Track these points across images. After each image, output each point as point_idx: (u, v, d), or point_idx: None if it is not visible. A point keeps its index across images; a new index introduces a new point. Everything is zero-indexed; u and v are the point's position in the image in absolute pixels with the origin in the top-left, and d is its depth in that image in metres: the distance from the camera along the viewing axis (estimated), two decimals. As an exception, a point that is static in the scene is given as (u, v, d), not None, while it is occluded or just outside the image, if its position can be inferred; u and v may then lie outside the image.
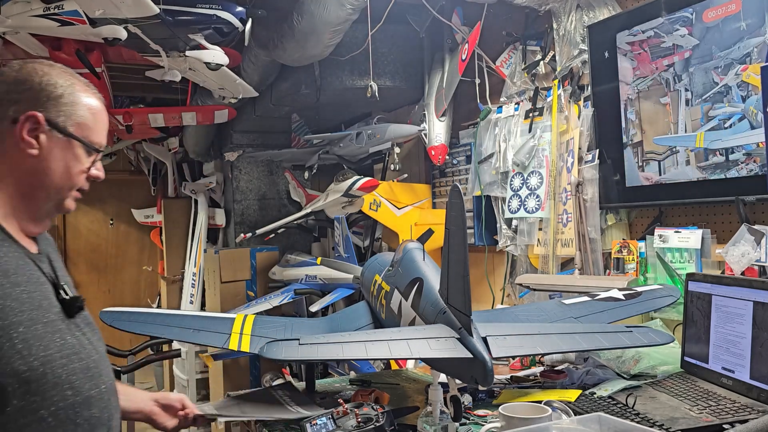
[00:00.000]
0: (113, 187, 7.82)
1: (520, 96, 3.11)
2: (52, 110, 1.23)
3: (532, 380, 2.07)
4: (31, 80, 1.22)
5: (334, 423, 1.55)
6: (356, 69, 3.59)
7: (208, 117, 4.19)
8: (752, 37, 2.07)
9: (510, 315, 2.08)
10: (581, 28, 2.74)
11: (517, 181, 3.03)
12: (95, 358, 1.26)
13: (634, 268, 2.42)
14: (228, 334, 1.80)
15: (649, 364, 1.94)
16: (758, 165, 2.07)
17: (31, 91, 1.22)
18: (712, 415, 1.51)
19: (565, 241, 2.73)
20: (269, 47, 3.39)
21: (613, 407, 1.62)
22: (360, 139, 3.72)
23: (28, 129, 1.20)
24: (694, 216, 2.37)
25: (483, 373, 1.39)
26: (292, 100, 4.00)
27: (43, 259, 1.25)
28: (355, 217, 4.33)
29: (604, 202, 2.62)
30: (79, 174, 1.28)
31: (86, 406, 1.17)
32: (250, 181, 5.36)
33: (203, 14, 2.86)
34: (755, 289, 1.67)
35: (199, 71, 3.19)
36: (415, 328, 1.65)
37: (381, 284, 2.01)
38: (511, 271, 3.19)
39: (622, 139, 2.56)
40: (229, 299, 4.65)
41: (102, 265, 7.97)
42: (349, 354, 1.61)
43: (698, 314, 1.84)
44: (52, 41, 2.94)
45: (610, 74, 2.60)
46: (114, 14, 2.47)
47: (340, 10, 2.85)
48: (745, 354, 1.66)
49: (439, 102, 3.46)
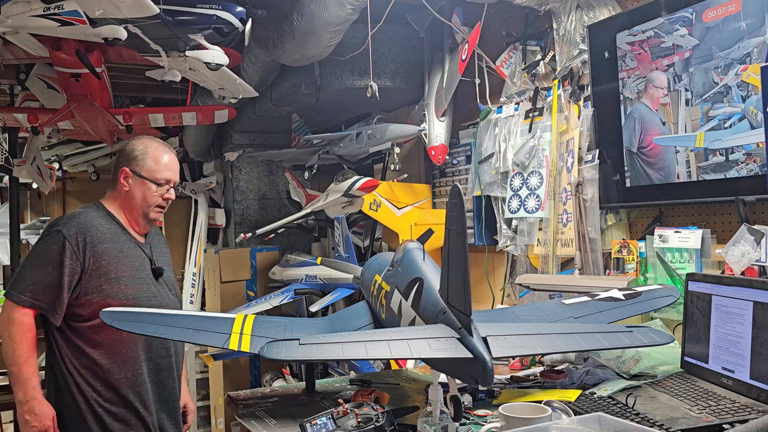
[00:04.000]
0: (113, 187, 7.81)
1: (520, 96, 3.11)
2: (133, 164, 2.22)
3: (532, 380, 2.07)
4: (125, 149, 2.26)
5: (334, 423, 1.55)
6: (356, 69, 3.59)
7: (208, 117, 4.19)
8: (752, 37, 2.07)
9: (510, 315, 2.08)
10: (581, 28, 2.74)
11: (517, 181, 3.03)
12: (168, 303, 2.25)
13: (634, 268, 2.42)
14: (228, 334, 1.80)
15: (649, 364, 1.94)
16: (758, 165, 2.07)
17: (123, 155, 2.25)
18: (712, 415, 1.51)
19: (565, 241, 2.74)
20: (269, 47, 3.39)
21: (613, 407, 1.62)
22: (360, 139, 3.72)
23: (122, 176, 2.23)
24: (694, 216, 2.37)
25: (483, 373, 1.39)
26: (292, 100, 4.00)
27: (146, 245, 2.28)
28: (355, 217, 4.33)
29: (604, 202, 2.62)
30: (152, 198, 2.22)
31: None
32: (250, 181, 5.36)
33: (203, 14, 2.86)
34: (755, 289, 1.67)
35: (199, 71, 3.19)
36: (415, 328, 1.65)
37: (381, 284, 2.01)
38: (511, 271, 3.19)
39: (622, 139, 2.56)
40: (229, 299, 4.65)
41: (102, 265, 7.95)
42: (349, 354, 1.61)
43: (698, 314, 1.85)
44: (52, 41, 2.94)
45: (610, 74, 2.61)
46: (114, 14, 2.47)
47: (340, 10, 2.85)
48: (745, 354, 1.66)
49: (439, 102, 3.46)
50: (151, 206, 2.22)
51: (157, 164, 2.21)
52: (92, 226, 2.12)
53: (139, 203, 2.21)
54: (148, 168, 2.20)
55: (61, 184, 7.56)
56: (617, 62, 2.57)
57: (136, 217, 2.24)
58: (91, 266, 2.08)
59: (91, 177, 7.27)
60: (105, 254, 2.11)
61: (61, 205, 7.75)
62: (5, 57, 3.39)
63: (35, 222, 7.28)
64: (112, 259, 2.12)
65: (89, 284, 2.07)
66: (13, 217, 4.83)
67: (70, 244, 2.05)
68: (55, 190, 7.49)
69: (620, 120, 2.57)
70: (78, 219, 2.12)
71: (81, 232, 2.08)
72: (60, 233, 2.06)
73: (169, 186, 2.24)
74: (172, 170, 2.26)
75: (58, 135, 5.13)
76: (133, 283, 2.15)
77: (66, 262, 2.04)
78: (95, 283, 2.08)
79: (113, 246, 2.14)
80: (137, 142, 2.25)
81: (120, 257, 2.15)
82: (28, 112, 3.87)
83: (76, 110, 3.64)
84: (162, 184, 2.22)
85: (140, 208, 2.22)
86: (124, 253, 2.16)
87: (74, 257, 2.05)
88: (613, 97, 2.59)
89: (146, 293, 2.17)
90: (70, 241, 2.05)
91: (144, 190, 2.20)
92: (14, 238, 4.85)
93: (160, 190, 2.22)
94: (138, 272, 2.18)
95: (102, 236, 2.13)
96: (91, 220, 2.14)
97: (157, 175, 2.21)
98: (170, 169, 2.25)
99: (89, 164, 7.03)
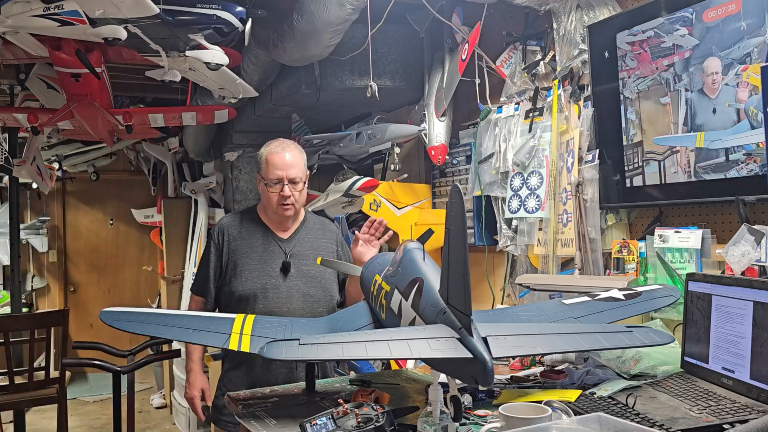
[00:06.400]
0: (113, 187, 7.82)
1: (520, 96, 3.11)
2: (259, 169, 2.46)
3: (532, 380, 2.07)
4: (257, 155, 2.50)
5: (334, 423, 1.55)
6: (356, 69, 3.58)
7: (208, 117, 4.19)
8: (752, 37, 2.07)
9: (510, 315, 2.08)
10: (581, 28, 2.74)
11: (517, 181, 3.03)
12: (290, 297, 2.41)
13: (634, 268, 2.42)
14: (228, 334, 1.80)
15: (649, 364, 1.94)
16: (758, 165, 2.07)
17: (258, 162, 2.49)
18: (712, 415, 1.51)
19: (565, 241, 2.73)
20: (269, 47, 3.39)
21: (613, 407, 1.62)
22: (360, 139, 3.72)
23: (257, 180, 2.50)
24: (694, 216, 2.37)
25: (483, 373, 1.39)
26: (292, 100, 4.00)
27: (289, 241, 2.48)
28: (355, 217, 4.33)
29: (604, 202, 2.62)
30: (272, 196, 2.41)
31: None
32: (250, 181, 5.35)
33: (203, 14, 2.86)
34: (755, 289, 1.67)
35: (199, 71, 3.19)
36: (415, 328, 1.65)
37: (381, 284, 2.01)
38: (511, 271, 3.19)
39: (622, 139, 2.56)
40: (229, 299, 4.64)
41: (102, 265, 7.97)
42: (349, 354, 1.61)
43: (698, 314, 1.84)
44: (52, 41, 2.94)
45: (610, 74, 2.61)
46: (114, 14, 2.47)
47: (340, 10, 2.84)
48: (745, 354, 1.66)
49: (439, 102, 3.45)
50: (274, 203, 2.41)
51: (268, 165, 2.41)
52: (231, 226, 2.52)
53: (265, 202, 2.47)
54: (263, 169, 2.43)
55: (61, 184, 7.58)
56: (617, 62, 2.57)
57: (269, 214, 2.48)
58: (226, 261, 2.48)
59: (91, 177, 7.27)
60: (238, 250, 2.46)
61: (61, 205, 7.76)
62: (5, 57, 3.39)
63: (35, 222, 7.30)
64: (241, 254, 2.45)
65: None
66: (13, 217, 4.83)
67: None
68: (55, 190, 7.50)
69: (620, 120, 2.57)
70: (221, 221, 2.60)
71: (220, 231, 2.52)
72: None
73: (283, 183, 2.38)
74: (282, 168, 2.38)
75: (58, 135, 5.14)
76: (252, 276, 2.41)
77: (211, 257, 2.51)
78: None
79: (245, 242, 2.47)
80: (263, 148, 2.48)
81: (249, 252, 2.45)
82: (28, 112, 3.87)
83: (76, 110, 3.64)
84: (273, 184, 2.39)
85: (269, 205, 2.44)
86: (254, 249, 2.45)
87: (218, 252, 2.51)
88: (614, 97, 2.59)
89: (265, 285, 2.40)
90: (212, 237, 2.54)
91: (266, 190, 2.43)
92: (14, 238, 4.85)
93: (275, 188, 2.40)
94: (261, 266, 2.42)
95: (238, 234, 2.48)
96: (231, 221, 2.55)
97: (269, 176, 2.40)
98: (281, 167, 2.39)
99: (89, 164, 7.04)
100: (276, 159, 2.40)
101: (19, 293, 4.99)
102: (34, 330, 3.91)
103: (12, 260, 4.85)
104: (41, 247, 7.31)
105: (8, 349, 3.80)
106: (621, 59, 2.56)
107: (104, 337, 4.16)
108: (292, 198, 2.40)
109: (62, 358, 3.92)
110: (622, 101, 2.56)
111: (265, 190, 2.44)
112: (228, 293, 2.45)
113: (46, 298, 7.61)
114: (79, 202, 7.87)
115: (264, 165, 2.43)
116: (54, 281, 7.69)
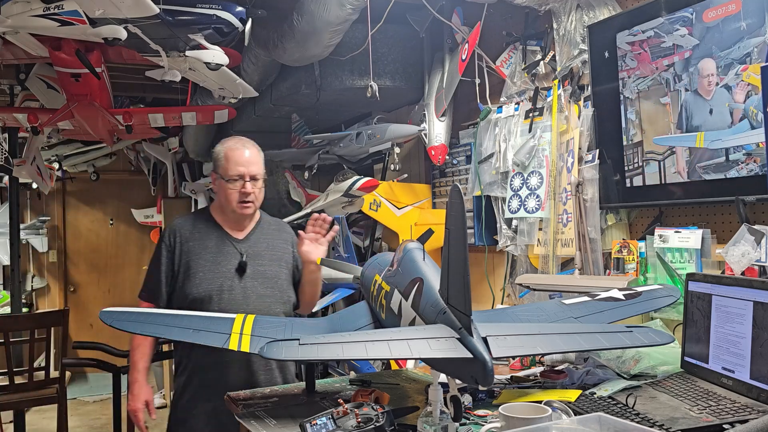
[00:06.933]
0: (113, 187, 7.82)
1: (520, 96, 3.11)
2: (216, 167, 2.39)
3: (532, 380, 2.07)
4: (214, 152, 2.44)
5: (334, 423, 1.55)
6: (356, 69, 3.58)
7: (208, 117, 4.19)
8: (752, 37, 2.07)
9: (510, 315, 2.08)
10: (581, 28, 2.74)
11: (517, 181, 3.03)
12: (246, 298, 2.32)
13: (634, 268, 2.42)
14: (228, 334, 1.80)
15: (649, 364, 1.94)
16: (758, 165, 2.07)
17: (214, 159, 2.42)
18: (712, 415, 1.51)
19: (565, 241, 2.73)
20: (269, 47, 3.39)
21: (613, 407, 1.62)
22: (360, 139, 3.72)
23: (213, 179, 2.45)
24: (694, 216, 2.37)
25: (483, 373, 1.39)
26: (292, 100, 4.00)
27: (244, 241, 2.39)
28: (355, 217, 4.33)
29: (604, 202, 2.62)
30: (232, 194, 2.32)
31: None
32: (250, 181, 5.34)
33: (203, 14, 2.86)
34: (755, 289, 1.67)
35: (199, 71, 3.19)
36: (415, 328, 1.65)
37: (381, 284, 2.01)
38: (511, 271, 3.19)
39: (622, 139, 2.56)
40: (229, 299, 4.63)
41: (102, 265, 7.97)
42: (349, 354, 1.61)
43: (698, 314, 1.84)
44: (52, 41, 2.94)
45: (610, 74, 2.60)
46: (114, 14, 2.47)
47: (340, 10, 2.84)
48: (745, 354, 1.66)
49: (439, 102, 3.45)
50: (233, 201, 2.33)
51: (227, 161, 2.34)
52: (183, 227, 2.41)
53: (222, 201, 2.38)
54: (221, 166, 2.36)
55: (61, 184, 7.58)
56: (617, 62, 2.57)
57: (227, 214, 2.40)
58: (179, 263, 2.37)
59: (91, 177, 7.28)
60: (190, 251, 2.36)
61: (61, 205, 7.76)
62: (5, 57, 3.39)
63: (35, 222, 7.30)
64: (194, 255, 2.35)
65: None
66: (13, 217, 4.83)
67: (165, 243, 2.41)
68: (55, 190, 7.50)
69: (620, 120, 2.57)
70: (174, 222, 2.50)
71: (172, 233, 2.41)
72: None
73: (244, 180, 2.32)
74: (242, 164, 2.32)
75: (58, 135, 5.14)
76: (207, 278, 2.31)
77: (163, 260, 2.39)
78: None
79: (199, 243, 2.38)
80: (219, 146, 2.42)
81: (203, 253, 2.35)
82: (28, 112, 3.87)
83: (76, 110, 3.64)
84: (233, 180, 2.32)
85: (227, 204, 2.36)
86: (208, 250, 2.35)
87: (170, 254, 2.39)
88: (613, 97, 2.59)
89: (221, 287, 2.31)
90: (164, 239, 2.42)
91: (225, 188, 2.34)
92: (14, 238, 4.85)
93: (235, 185, 2.32)
94: (214, 266, 2.33)
95: (190, 235, 2.38)
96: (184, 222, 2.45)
97: (229, 173, 2.32)
98: (241, 163, 2.33)
99: (89, 164, 7.04)
100: (237, 155, 2.34)
101: (19, 293, 4.99)
102: (34, 330, 3.91)
103: (12, 260, 4.85)
104: (41, 247, 7.31)
105: (8, 349, 3.80)
106: (621, 59, 2.56)
107: (104, 337, 4.16)
108: (252, 195, 2.34)
109: (62, 358, 3.92)
110: (622, 101, 2.56)
111: (223, 188, 2.35)
112: (181, 297, 2.33)
113: (46, 298, 7.61)
114: (79, 202, 7.87)
115: (223, 162, 2.34)
116: (54, 281, 7.69)
